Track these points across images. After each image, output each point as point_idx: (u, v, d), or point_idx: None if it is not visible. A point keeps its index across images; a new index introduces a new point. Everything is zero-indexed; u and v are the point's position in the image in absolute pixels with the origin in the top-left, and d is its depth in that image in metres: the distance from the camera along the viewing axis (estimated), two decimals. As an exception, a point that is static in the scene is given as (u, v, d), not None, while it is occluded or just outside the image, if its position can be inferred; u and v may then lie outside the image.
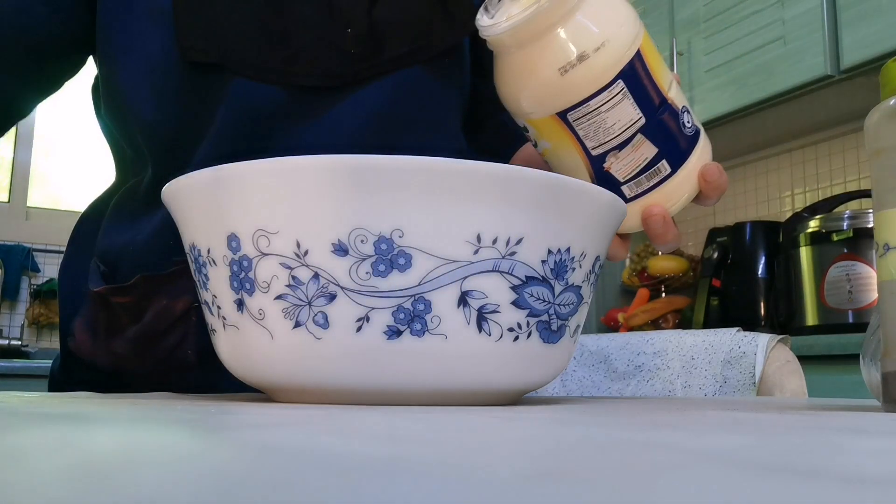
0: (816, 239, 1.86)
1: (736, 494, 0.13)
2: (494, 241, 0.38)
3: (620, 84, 0.50)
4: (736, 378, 0.83)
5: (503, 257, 0.38)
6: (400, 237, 0.37)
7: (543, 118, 0.52)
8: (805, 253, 1.89)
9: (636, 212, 0.55)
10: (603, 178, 0.54)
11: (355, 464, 0.16)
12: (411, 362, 0.38)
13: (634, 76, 0.51)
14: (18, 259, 2.91)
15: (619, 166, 0.53)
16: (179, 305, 0.65)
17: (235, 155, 0.43)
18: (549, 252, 0.40)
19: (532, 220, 0.39)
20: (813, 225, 1.89)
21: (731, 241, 2.21)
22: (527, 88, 0.51)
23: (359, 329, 0.37)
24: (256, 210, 0.38)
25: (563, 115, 0.51)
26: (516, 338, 0.40)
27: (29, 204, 3.05)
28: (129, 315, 0.66)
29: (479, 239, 0.38)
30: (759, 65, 2.05)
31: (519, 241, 0.38)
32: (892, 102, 0.40)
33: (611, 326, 2.57)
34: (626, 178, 0.53)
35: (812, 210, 1.99)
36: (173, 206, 0.44)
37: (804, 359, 1.01)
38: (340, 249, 0.37)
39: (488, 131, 0.80)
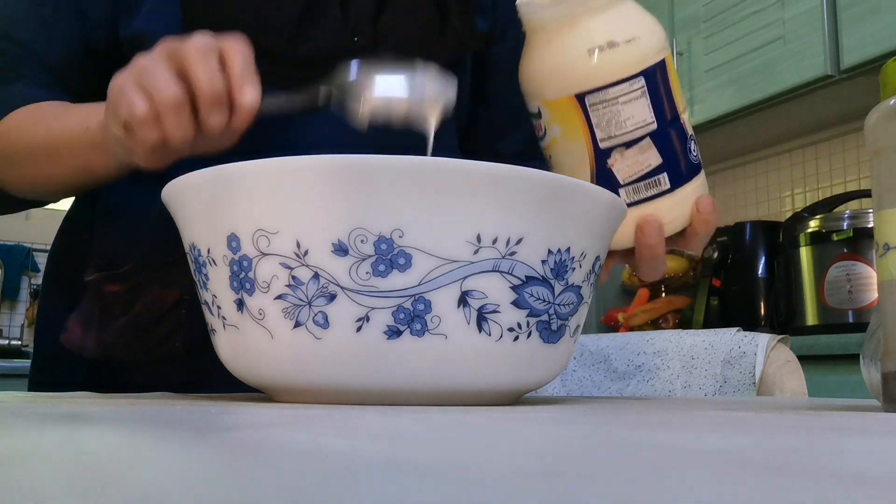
0: (816, 239, 1.86)
1: (736, 494, 0.13)
2: (494, 241, 0.38)
3: (641, 81, 0.53)
4: (736, 378, 0.83)
5: (503, 257, 0.38)
6: (400, 237, 0.37)
7: (563, 98, 0.54)
8: (805, 253, 1.89)
9: (631, 221, 0.55)
10: (604, 175, 0.54)
11: (355, 464, 0.16)
12: (411, 362, 0.38)
13: (655, 80, 0.53)
14: (18, 259, 2.91)
15: (622, 165, 0.54)
16: (171, 296, 0.66)
17: (233, 153, 0.43)
18: (549, 252, 0.40)
19: (532, 220, 0.39)
20: (813, 225, 1.89)
21: (731, 241, 2.21)
22: (554, 65, 0.54)
23: (359, 329, 0.37)
24: (256, 210, 0.38)
25: (581, 98, 0.53)
26: (516, 338, 0.40)
27: (29, 204, 3.05)
28: (120, 304, 0.67)
29: (479, 239, 0.38)
30: (759, 65, 2.05)
31: (519, 241, 0.38)
32: (892, 102, 0.40)
33: (611, 326, 2.57)
34: (627, 180, 0.54)
35: (812, 210, 1.99)
36: (173, 205, 0.44)
37: (804, 359, 1.01)
38: (340, 249, 0.37)
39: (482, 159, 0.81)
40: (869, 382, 0.44)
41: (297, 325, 0.38)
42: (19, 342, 2.81)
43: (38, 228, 3.00)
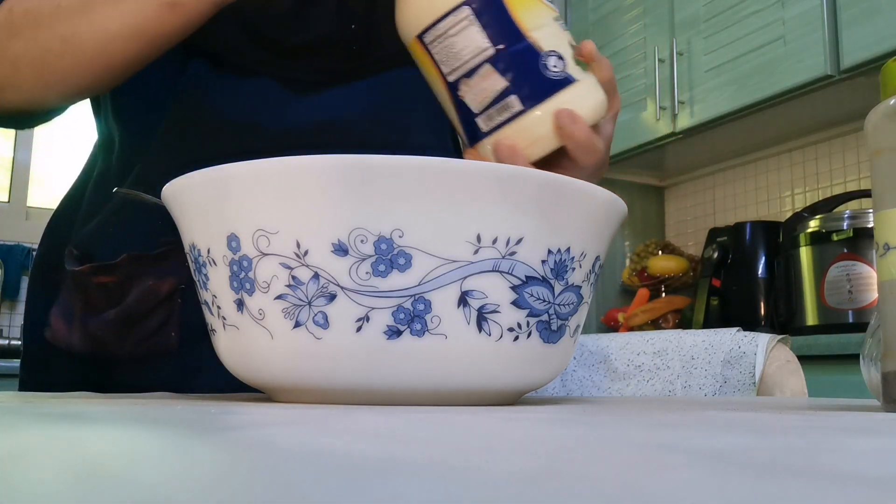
0: (816, 239, 1.86)
1: (736, 494, 0.13)
2: (494, 241, 0.38)
3: (466, 10, 0.53)
4: (736, 378, 0.83)
5: (503, 257, 0.38)
6: (400, 237, 0.37)
7: (412, 43, 0.56)
8: (805, 253, 1.89)
9: (491, 149, 0.56)
10: (462, 107, 0.56)
11: (355, 464, 0.16)
12: (411, 362, 0.38)
13: (483, 7, 0.54)
14: (18, 259, 2.91)
15: (471, 95, 0.55)
16: (165, 287, 0.64)
17: (232, 154, 0.43)
18: (549, 252, 0.40)
19: (532, 220, 0.39)
20: (813, 225, 1.89)
21: (731, 241, 2.21)
22: (399, 11, 0.56)
23: (359, 329, 0.37)
24: (256, 210, 0.38)
25: (421, 38, 0.55)
26: (516, 338, 0.40)
27: (29, 204, 3.05)
28: (109, 296, 0.65)
29: (479, 239, 0.38)
30: (759, 65, 2.05)
31: (519, 241, 0.38)
32: (892, 102, 0.40)
33: (611, 326, 2.57)
34: (479, 108, 0.55)
35: (812, 210, 1.99)
36: (173, 205, 0.44)
37: (804, 359, 1.01)
38: (340, 249, 0.37)
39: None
40: (869, 382, 0.44)
41: (297, 325, 0.38)
42: (19, 342, 2.81)
43: (39, 228, 2.99)
